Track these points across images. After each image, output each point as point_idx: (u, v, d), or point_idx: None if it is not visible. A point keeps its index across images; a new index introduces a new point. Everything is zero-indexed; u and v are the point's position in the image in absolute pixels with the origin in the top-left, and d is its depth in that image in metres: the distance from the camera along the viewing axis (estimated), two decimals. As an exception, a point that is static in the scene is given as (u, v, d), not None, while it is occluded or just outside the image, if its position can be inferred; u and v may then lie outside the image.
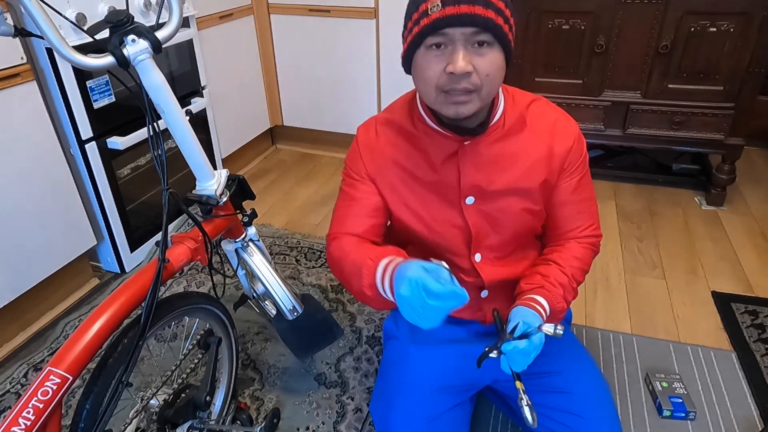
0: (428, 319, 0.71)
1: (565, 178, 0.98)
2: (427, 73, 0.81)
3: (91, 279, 1.83)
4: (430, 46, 0.79)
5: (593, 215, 1.04)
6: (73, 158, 1.67)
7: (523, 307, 0.92)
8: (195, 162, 1.04)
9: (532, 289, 0.96)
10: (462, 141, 0.92)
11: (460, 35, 0.77)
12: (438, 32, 0.77)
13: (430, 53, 0.80)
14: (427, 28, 0.77)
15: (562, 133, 0.96)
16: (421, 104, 0.93)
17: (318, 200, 2.36)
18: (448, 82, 0.80)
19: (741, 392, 1.37)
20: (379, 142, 0.99)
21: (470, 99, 0.81)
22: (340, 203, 1.03)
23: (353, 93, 2.55)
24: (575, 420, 0.98)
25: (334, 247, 0.97)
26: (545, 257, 1.04)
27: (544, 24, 2.08)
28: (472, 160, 0.93)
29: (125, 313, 0.87)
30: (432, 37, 0.78)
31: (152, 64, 0.90)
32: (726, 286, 1.75)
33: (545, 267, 1.01)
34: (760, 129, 2.57)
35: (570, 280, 0.99)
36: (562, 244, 1.04)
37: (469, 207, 0.97)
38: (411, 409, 1.00)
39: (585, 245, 1.03)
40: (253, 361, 1.50)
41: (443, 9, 0.75)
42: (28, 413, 0.73)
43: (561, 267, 0.99)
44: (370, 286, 0.84)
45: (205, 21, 2.14)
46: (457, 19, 0.75)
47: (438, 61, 0.80)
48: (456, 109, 0.82)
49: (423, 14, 0.78)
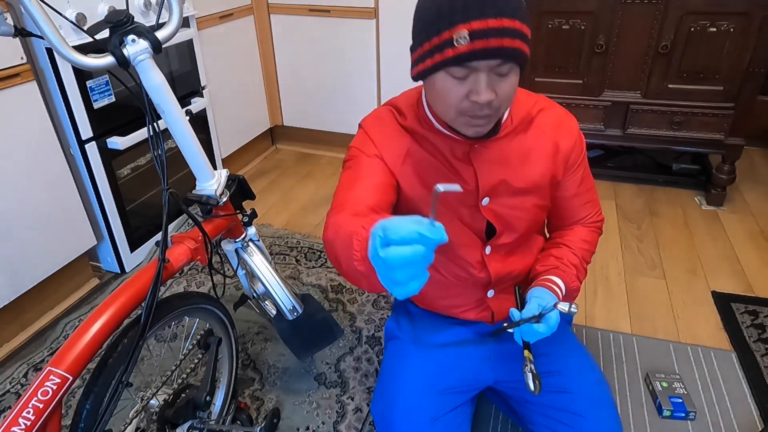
0: (396, 279, 0.52)
1: (571, 173, 1.02)
2: (448, 98, 0.80)
3: (91, 279, 1.83)
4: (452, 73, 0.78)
5: (596, 202, 1.10)
6: (73, 158, 1.66)
7: (541, 287, 0.96)
8: (195, 162, 1.04)
9: (547, 270, 1.01)
10: (472, 143, 0.92)
11: (485, 66, 0.75)
12: (464, 65, 0.75)
13: (450, 78, 0.78)
14: (452, 60, 0.75)
15: (566, 130, 0.99)
16: (428, 109, 0.93)
17: (318, 200, 2.36)
18: (470, 108, 0.79)
19: (741, 392, 1.37)
20: (393, 130, 0.96)
21: (490, 121, 0.83)
22: (342, 184, 0.92)
23: (353, 93, 2.55)
24: (576, 420, 0.98)
25: (330, 227, 0.80)
26: (554, 241, 1.10)
27: (544, 24, 2.08)
28: (486, 160, 0.94)
29: (125, 313, 0.87)
30: (457, 69, 0.76)
31: (152, 64, 0.90)
32: (726, 286, 1.75)
33: (557, 249, 1.06)
34: (760, 129, 2.57)
35: (581, 261, 1.05)
36: (570, 228, 1.10)
37: (485, 207, 0.98)
38: (412, 410, 1.00)
39: (592, 228, 1.10)
40: (253, 361, 1.50)
41: (472, 43, 0.72)
42: (28, 413, 0.73)
43: (572, 249, 1.05)
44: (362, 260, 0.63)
45: (205, 21, 2.14)
46: (485, 54, 0.73)
47: (460, 87, 0.78)
48: (476, 130, 0.84)
49: (447, 43, 0.74)
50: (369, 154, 0.94)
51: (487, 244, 1.02)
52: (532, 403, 1.06)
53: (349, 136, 2.68)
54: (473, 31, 0.72)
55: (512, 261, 1.06)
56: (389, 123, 0.97)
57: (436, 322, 1.15)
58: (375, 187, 0.89)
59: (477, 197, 0.96)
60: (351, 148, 0.97)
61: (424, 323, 1.15)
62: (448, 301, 1.12)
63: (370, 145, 0.94)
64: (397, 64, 2.39)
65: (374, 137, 0.95)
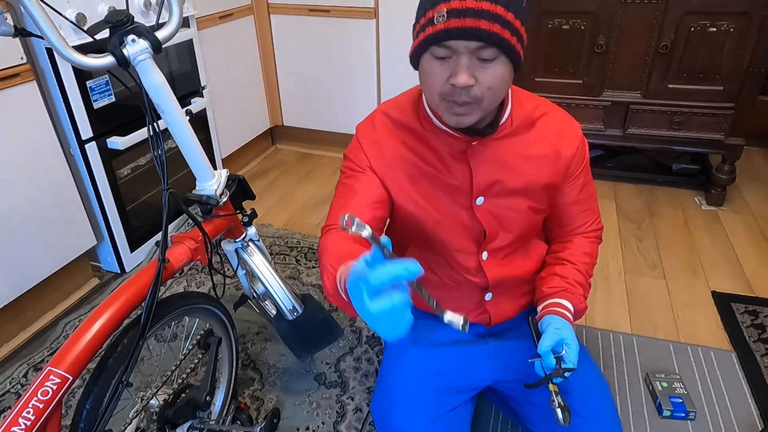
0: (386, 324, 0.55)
1: (571, 180, 1.01)
2: (430, 79, 0.80)
3: (91, 279, 1.83)
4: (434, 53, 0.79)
5: (596, 210, 1.09)
6: (73, 158, 1.66)
7: (553, 315, 0.95)
8: (195, 162, 1.04)
9: (555, 293, 1.00)
10: (470, 141, 0.92)
11: (464, 48, 0.75)
12: (441, 44, 0.76)
13: (434, 60, 0.79)
14: (431, 38, 0.76)
15: (569, 136, 0.97)
16: (427, 104, 0.93)
17: (318, 200, 2.36)
18: (450, 92, 0.79)
19: (741, 392, 1.37)
20: (384, 136, 0.96)
21: (470, 111, 0.81)
22: (338, 196, 0.97)
23: (353, 93, 2.55)
24: (576, 420, 0.98)
25: (321, 242, 0.89)
26: (557, 256, 1.08)
27: (544, 24, 2.08)
28: (482, 159, 0.93)
29: (125, 313, 0.87)
30: (436, 48, 0.77)
31: (152, 64, 0.90)
32: (726, 286, 1.75)
33: (561, 267, 1.04)
34: (760, 129, 2.57)
35: (585, 277, 1.04)
36: (570, 240, 1.08)
37: (480, 207, 0.97)
38: (412, 410, 1.00)
39: (592, 239, 1.09)
40: (253, 361, 1.50)
41: (448, 21, 0.73)
42: (28, 413, 0.73)
43: (575, 265, 1.04)
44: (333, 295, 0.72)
45: (205, 21, 2.14)
46: (461, 33, 0.73)
47: (442, 69, 0.78)
48: (456, 120, 0.83)
49: (429, 22, 0.75)
50: (362, 167, 0.95)
51: (484, 249, 1.02)
52: (532, 403, 1.06)
53: (349, 136, 2.66)
54: (451, 10, 0.73)
55: (511, 265, 1.05)
56: (380, 128, 0.97)
57: (435, 322, 1.15)
58: (367, 207, 0.92)
59: (471, 196, 0.96)
60: (345, 157, 1.00)
61: (423, 324, 1.15)
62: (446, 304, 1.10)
63: (361, 156, 0.96)
64: (397, 64, 2.39)
65: (365, 146, 0.96)
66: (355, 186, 0.95)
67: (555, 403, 0.91)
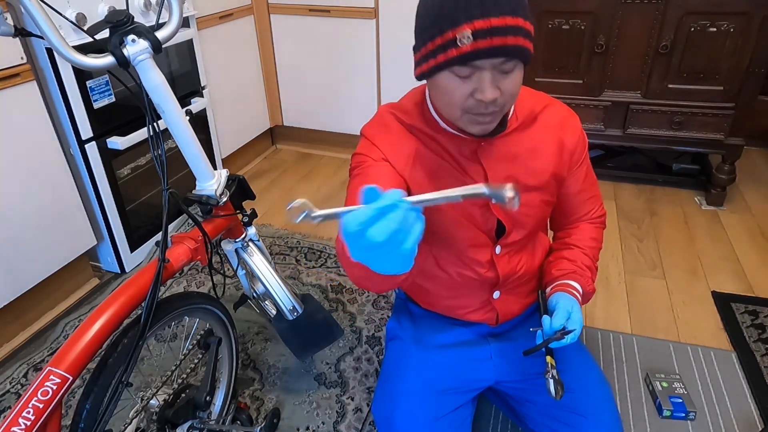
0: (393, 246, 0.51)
1: (575, 169, 1.02)
2: (452, 97, 0.80)
3: (91, 279, 1.83)
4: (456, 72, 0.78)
5: (599, 196, 1.12)
6: (73, 158, 1.66)
7: (563, 293, 0.98)
8: (195, 162, 1.04)
9: (564, 275, 1.02)
10: (480, 141, 0.92)
11: (489, 65, 0.75)
12: (468, 64, 0.75)
13: (455, 78, 0.78)
14: (456, 60, 0.75)
15: (570, 126, 0.99)
16: (433, 109, 0.92)
17: (318, 200, 2.36)
18: (476, 106, 0.79)
19: (741, 392, 1.37)
20: (400, 136, 0.95)
21: (495, 118, 0.83)
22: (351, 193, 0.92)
23: (353, 93, 2.55)
24: (576, 419, 0.98)
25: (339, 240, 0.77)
26: (564, 241, 1.11)
27: (544, 24, 2.08)
28: (493, 157, 0.93)
29: (125, 313, 0.87)
30: (461, 68, 0.76)
31: (152, 64, 0.90)
32: (726, 286, 1.75)
33: (569, 252, 1.07)
34: (760, 129, 2.57)
35: (592, 261, 1.07)
36: (576, 226, 1.11)
37: (495, 205, 0.97)
38: (414, 411, 1.00)
39: (597, 224, 1.12)
40: (253, 361, 1.50)
41: (475, 42, 0.72)
42: (28, 413, 0.73)
43: (583, 250, 1.07)
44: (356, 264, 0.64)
45: (205, 21, 2.14)
46: (488, 53, 0.73)
47: (464, 86, 0.78)
48: (482, 128, 0.84)
49: (451, 43, 0.74)
50: (376, 158, 0.92)
51: (497, 243, 1.02)
52: (533, 402, 1.06)
53: (348, 136, 2.68)
54: (476, 31, 0.72)
55: (519, 260, 1.05)
56: (392, 127, 0.95)
57: (438, 322, 1.15)
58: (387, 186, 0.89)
59: None
60: (355, 155, 0.96)
61: (425, 324, 1.15)
62: (454, 302, 1.11)
63: (375, 150, 0.93)
64: (397, 64, 2.39)
65: (379, 143, 0.93)
66: (370, 175, 0.90)
67: (549, 373, 0.92)
